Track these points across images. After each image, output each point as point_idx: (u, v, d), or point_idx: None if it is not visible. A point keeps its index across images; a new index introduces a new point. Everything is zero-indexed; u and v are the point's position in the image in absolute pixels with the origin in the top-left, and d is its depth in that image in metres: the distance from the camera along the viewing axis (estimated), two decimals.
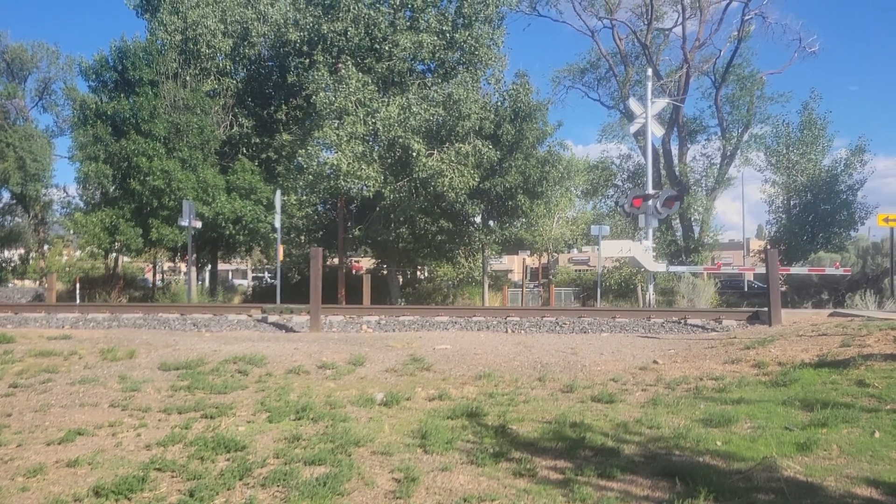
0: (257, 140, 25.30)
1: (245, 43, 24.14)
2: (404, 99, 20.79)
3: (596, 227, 24.03)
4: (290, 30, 22.48)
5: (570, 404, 6.71)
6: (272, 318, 12.06)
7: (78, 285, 22.93)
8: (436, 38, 21.89)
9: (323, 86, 21.32)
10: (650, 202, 19.72)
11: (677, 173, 32.36)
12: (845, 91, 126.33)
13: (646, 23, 32.18)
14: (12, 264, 38.73)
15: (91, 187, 24.26)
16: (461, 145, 20.16)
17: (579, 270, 41.12)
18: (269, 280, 39.09)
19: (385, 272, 26.90)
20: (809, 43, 32.34)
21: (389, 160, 21.09)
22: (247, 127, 24.99)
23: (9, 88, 35.63)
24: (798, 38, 32.37)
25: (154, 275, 32.33)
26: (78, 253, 29.01)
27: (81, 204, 26.10)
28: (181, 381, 7.49)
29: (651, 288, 20.15)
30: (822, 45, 34.26)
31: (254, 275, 48.29)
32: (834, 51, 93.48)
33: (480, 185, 20.89)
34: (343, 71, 20.93)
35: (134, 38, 23.51)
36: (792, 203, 32.41)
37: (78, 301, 20.03)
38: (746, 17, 30.70)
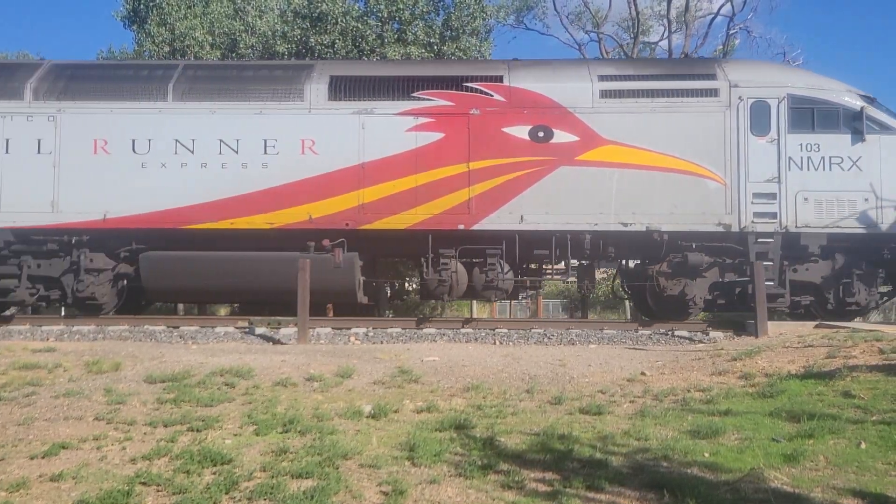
0: None
1: (233, 55, 24.12)
2: None
3: None
4: (278, 42, 22.48)
5: (558, 416, 6.71)
6: (259, 329, 12.00)
7: None
8: (423, 50, 21.95)
9: None
10: None
11: None
12: None
13: (632, 36, 32.44)
14: None
15: None
16: None
17: (567, 282, 41.15)
18: None
19: (373, 283, 26.77)
20: (794, 57, 32.70)
21: None
22: None
23: None
24: (783, 52, 32.65)
25: None
26: None
27: None
28: (167, 394, 7.43)
29: None
30: (806, 59, 34.65)
31: None
32: (817, 64, 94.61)
33: None
34: None
35: (121, 50, 23.44)
36: None
37: (63, 313, 19.84)
38: (731, 32, 31.01)
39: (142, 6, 24.96)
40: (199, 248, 12.06)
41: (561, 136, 12.11)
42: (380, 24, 22.42)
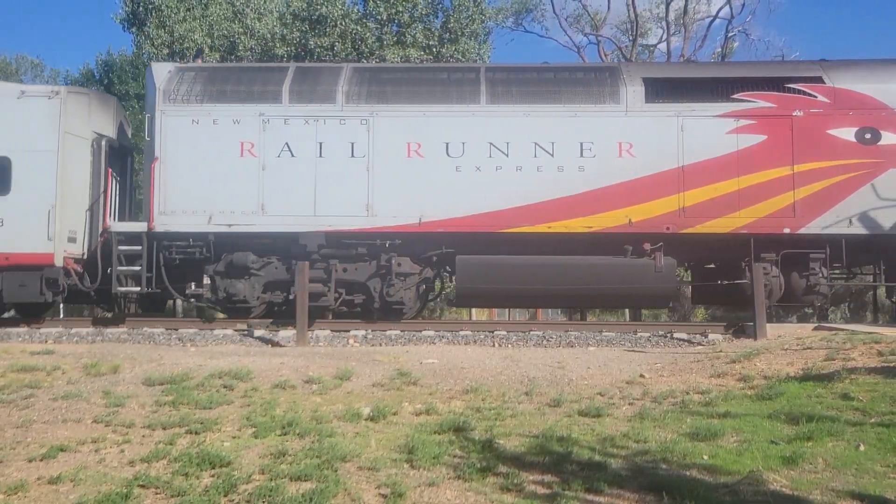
0: None
1: (232, 57, 24.15)
2: None
3: None
4: (278, 44, 22.51)
5: (557, 418, 6.71)
6: (258, 332, 11.98)
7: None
8: (422, 52, 21.99)
9: None
10: None
11: None
12: None
13: (631, 39, 32.47)
14: None
15: None
16: None
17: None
18: None
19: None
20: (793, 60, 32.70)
21: None
22: None
23: None
24: (781, 55, 32.70)
25: None
26: None
27: None
28: (166, 396, 7.42)
29: None
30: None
31: None
32: None
33: None
34: None
35: (120, 52, 23.53)
36: None
37: (62, 315, 19.84)
38: (730, 34, 31.05)
39: (141, 9, 24.98)
40: (504, 251, 12.00)
41: (890, 138, 12.04)
42: (379, 26, 22.45)
